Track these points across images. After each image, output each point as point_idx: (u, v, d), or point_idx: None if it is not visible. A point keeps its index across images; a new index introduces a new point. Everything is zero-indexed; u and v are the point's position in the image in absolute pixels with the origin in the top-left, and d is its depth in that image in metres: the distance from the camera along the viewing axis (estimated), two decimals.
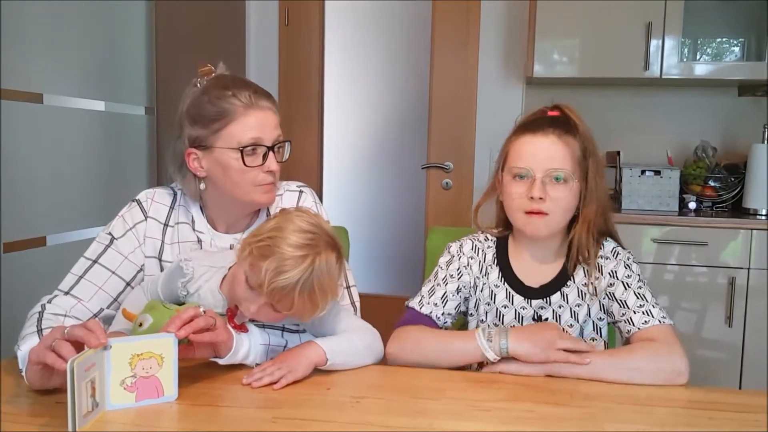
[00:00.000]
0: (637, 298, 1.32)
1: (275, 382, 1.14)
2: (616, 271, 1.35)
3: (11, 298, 1.90)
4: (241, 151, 1.29)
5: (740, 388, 2.59)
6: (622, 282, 1.34)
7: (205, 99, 1.30)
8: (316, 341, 1.22)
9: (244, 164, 1.29)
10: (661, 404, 1.13)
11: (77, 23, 2.21)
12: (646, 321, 1.28)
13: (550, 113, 1.36)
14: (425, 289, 1.41)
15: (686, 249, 2.65)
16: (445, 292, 1.39)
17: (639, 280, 1.35)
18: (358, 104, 3.46)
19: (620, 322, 1.32)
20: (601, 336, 1.38)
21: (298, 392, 1.14)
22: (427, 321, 1.36)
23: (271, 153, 1.32)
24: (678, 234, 2.66)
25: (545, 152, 1.30)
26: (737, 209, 2.84)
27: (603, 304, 1.37)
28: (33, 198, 2.06)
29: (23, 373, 1.13)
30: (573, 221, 1.36)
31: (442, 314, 1.38)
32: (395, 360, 1.30)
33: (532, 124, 1.34)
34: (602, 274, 1.36)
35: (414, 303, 1.40)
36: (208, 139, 1.30)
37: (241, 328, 1.21)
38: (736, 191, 2.86)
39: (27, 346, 1.16)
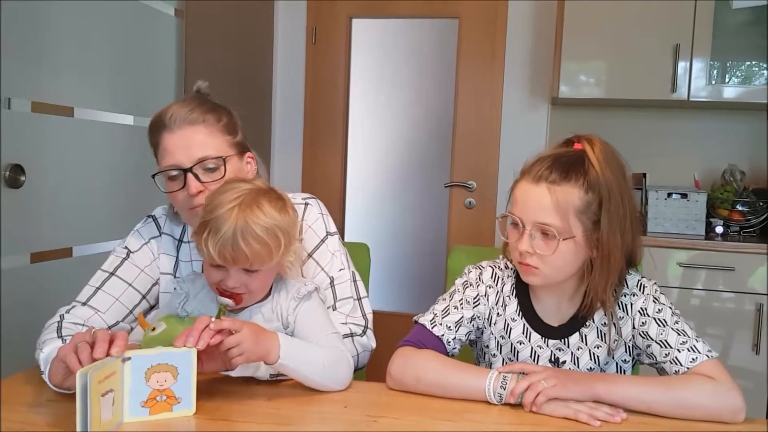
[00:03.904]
0: (678, 334, 1.22)
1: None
2: (645, 309, 1.25)
3: (37, 307, 1.93)
4: (165, 177, 1.29)
5: (767, 417, 2.53)
6: (656, 319, 1.24)
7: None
8: (281, 339, 1.14)
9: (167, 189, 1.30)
10: None
11: (108, 39, 2.26)
12: (693, 359, 1.18)
13: (576, 145, 1.23)
14: (438, 308, 1.31)
15: (713, 274, 2.61)
16: (461, 318, 1.29)
17: (672, 314, 1.25)
18: (383, 122, 3.48)
19: (665, 363, 1.21)
20: None
21: (314, 410, 1.14)
22: (437, 343, 1.26)
23: (190, 175, 1.26)
24: (704, 258, 2.61)
25: (534, 203, 1.19)
26: (765, 234, 2.79)
27: (629, 347, 1.28)
28: (61, 209, 2.10)
29: (44, 375, 1.14)
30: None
31: (453, 339, 1.28)
32: (394, 385, 1.22)
33: (533, 167, 1.22)
34: (628, 314, 1.27)
35: (425, 320, 1.29)
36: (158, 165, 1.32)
37: (233, 297, 1.18)
38: (764, 216, 2.82)
39: (49, 348, 1.18)
